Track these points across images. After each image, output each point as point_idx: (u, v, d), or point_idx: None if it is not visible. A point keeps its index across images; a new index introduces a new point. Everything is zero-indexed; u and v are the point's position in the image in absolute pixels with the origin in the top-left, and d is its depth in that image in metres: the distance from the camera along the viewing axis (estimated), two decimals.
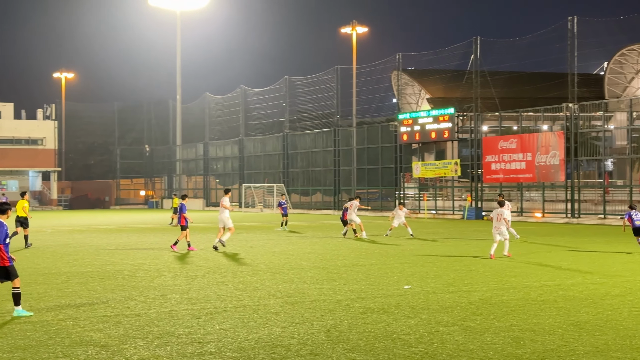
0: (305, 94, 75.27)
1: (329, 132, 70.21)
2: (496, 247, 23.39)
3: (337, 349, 10.52)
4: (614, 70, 70.39)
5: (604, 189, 50.04)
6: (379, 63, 68.26)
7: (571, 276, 18.62)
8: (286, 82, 76.47)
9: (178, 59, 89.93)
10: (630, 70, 70.08)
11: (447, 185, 62.53)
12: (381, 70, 68.55)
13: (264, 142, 79.86)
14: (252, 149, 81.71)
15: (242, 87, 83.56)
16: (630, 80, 70.76)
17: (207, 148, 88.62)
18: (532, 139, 51.10)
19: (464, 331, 11.66)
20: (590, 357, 9.98)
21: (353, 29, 73.36)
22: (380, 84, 71.19)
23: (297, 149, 74.85)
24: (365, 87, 70.32)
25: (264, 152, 79.57)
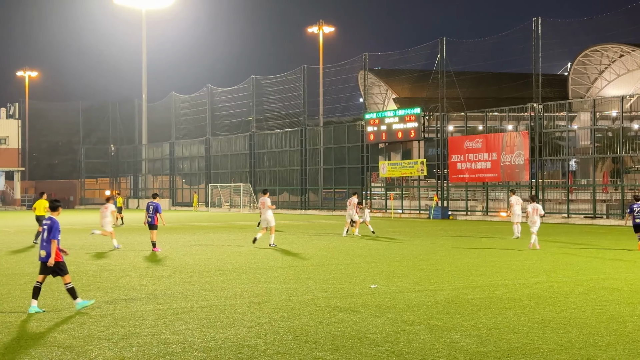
0: (272, 94, 75.20)
1: (296, 132, 70.19)
2: (535, 238, 26.41)
3: (303, 349, 10.52)
4: (578, 71, 71.28)
5: (567, 188, 50.59)
6: (345, 63, 68.46)
7: (536, 275, 18.79)
8: (253, 82, 76.30)
9: (144, 58, 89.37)
10: (593, 71, 71.00)
11: (414, 185, 62.81)
12: (348, 70, 68.77)
13: (230, 142, 79.61)
14: (219, 148, 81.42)
15: (209, 87, 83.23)
16: (594, 80, 71.69)
17: (173, 147, 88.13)
18: (497, 139, 51.52)
19: (430, 330, 11.72)
20: (554, 354, 10.08)
21: (320, 29, 73.50)
22: (347, 84, 71.43)
23: (264, 148, 74.73)
24: (332, 86, 70.50)
25: (231, 151, 79.33)
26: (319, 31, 73.55)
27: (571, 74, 72.19)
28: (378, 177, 64.13)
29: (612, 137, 52.01)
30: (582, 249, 26.61)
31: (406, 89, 74.20)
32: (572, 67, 71.58)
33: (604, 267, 20.63)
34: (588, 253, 25.05)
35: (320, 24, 73.99)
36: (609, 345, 10.55)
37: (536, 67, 50.25)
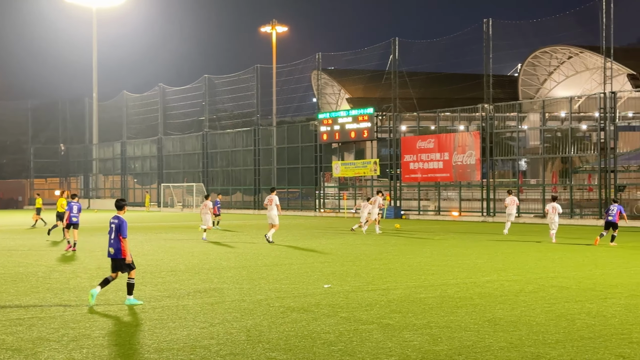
0: (225, 93, 74.85)
1: (249, 132, 69.99)
2: (554, 233, 29.13)
3: (257, 349, 10.49)
4: (528, 72, 72.22)
5: (518, 188, 51.24)
6: (298, 62, 68.43)
7: (487, 273, 19.00)
8: (205, 81, 75.87)
9: (94, 57, 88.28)
10: (542, 72, 72.01)
11: (367, 185, 63.09)
12: (301, 70, 68.74)
13: (183, 141, 79.07)
14: (171, 148, 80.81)
15: (161, 86, 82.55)
16: (543, 81, 72.71)
17: (125, 147, 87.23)
18: (449, 139, 52.00)
19: (383, 329, 11.77)
20: (504, 352, 10.20)
21: (273, 28, 73.39)
22: (300, 84, 71.40)
23: (217, 148, 74.37)
24: (285, 86, 70.41)
25: (183, 151, 78.80)
26: (272, 31, 73.45)
27: (521, 75, 73.11)
28: (331, 177, 64.29)
29: (561, 137, 52.84)
30: (532, 248, 26.99)
31: (359, 89, 74.43)
32: (522, 69, 72.49)
33: (553, 265, 20.95)
34: (538, 252, 25.41)
35: (274, 24, 73.89)
36: (557, 343, 10.71)
37: (487, 68, 50.84)
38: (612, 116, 44.39)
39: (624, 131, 65.80)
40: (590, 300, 14.42)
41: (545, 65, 71.01)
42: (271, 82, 69.93)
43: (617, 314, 12.89)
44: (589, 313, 13.03)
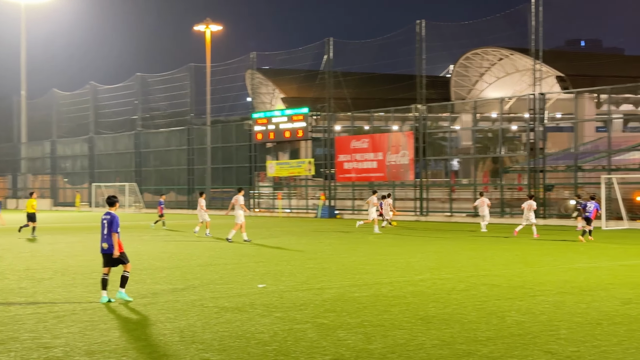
0: (158, 92, 74.01)
1: (183, 131, 69.38)
2: (521, 228, 32.38)
3: (190, 350, 10.40)
4: (460, 73, 73.30)
5: (450, 187, 51.96)
6: (233, 62, 68.08)
7: (420, 272, 19.20)
8: (138, 80, 74.91)
9: (23, 54, 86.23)
10: (474, 74, 73.17)
11: (301, 184, 63.17)
12: (235, 69, 68.40)
13: (115, 140, 77.90)
14: (103, 147, 79.55)
15: (92, 84, 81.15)
16: (475, 82, 73.90)
17: (55, 146, 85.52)
18: (383, 139, 52.41)
19: (317, 328, 11.79)
20: (437, 350, 10.32)
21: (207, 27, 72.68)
22: (235, 83, 71.00)
23: (150, 147, 73.51)
24: (219, 85, 69.90)
25: (115, 150, 77.64)
26: (206, 29, 72.76)
27: (453, 76, 74.19)
28: (266, 177, 64.17)
29: (492, 137, 53.79)
30: (464, 247, 27.38)
31: (294, 89, 74.46)
32: (455, 70, 73.56)
33: (484, 264, 21.29)
34: (470, 251, 25.80)
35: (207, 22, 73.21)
36: (488, 340, 10.89)
37: (420, 69, 51.40)
38: (541, 117, 45.33)
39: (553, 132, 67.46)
40: (520, 298, 14.70)
41: (477, 66, 72.18)
42: (205, 81, 69.36)
43: (545, 311, 13.17)
44: (518, 310, 13.27)
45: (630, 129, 71.68)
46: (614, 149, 43.26)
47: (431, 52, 53.87)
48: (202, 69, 69.91)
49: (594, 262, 21.64)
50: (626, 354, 9.94)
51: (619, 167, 43.49)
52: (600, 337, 10.96)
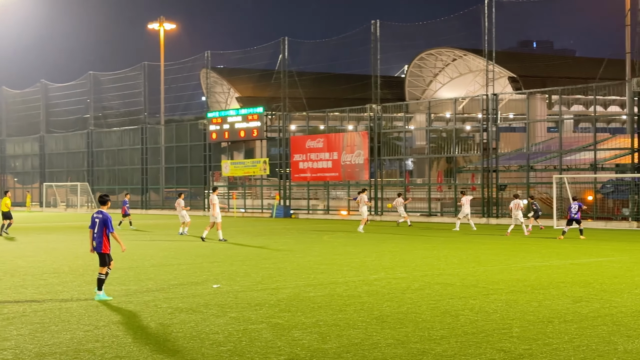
0: (111, 90, 73.20)
1: (136, 130, 68.75)
2: (512, 228, 33.25)
3: (143, 351, 10.29)
4: (414, 74, 73.81)
5: (404, 187, 52.27)
6: (187, 60, 67.65)
7: (375, 272, 19.27)
8: (90, 78, 74.01)
9: None
10: (428, 74, 73.73)
11: (256, 184, 63.02)
12: (190, 68, 67.98)
13: (67, 140, 76.86)
14: (54, 146, 78.43)
15: (43, 82, 79.94)
16: (429, 83, 74.47)
17: (4, 145, 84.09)
18: (338, 139, 52.52)
19: (272, 328, 11.76)
20: (391, 349, 10.36)
21: (160, 25, 72.12)
22: (189, 82, 70.61)
23: (103, 146, 72.68)
24: (173, 84, 69.42)
25: (67, 149, 76.60)
26: (160, 28, 72.19)
27: (408, 77, 74.66)
28: (221, 176, 63.87)
29: (446, 137, 54.23)
30: (418, 246, 27.55)
31: (249, 88, 74.27)
32: (409, 70, 74.05)
33: (438, 263, 21.44)
34: (424, 250, 25.97)
35: (161, 21, 72.62)
36: (442, 339, 10.96)
37: (375, 69, 51.61)
38: (494, 117, 45.83)
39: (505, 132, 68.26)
40: (473, 297, 14.83)
41: (431, 67, 72.75)
42: (159, 79, 68.82)
43: (498, 310, 13.30)
44: (472, 309, 13.39)
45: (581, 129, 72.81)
46: (565, 149, 43.92)
47: (386, 52, 54.20)
48: (156, 68, 69.36)
49: (546, 260, 21.93)
50: (577, 352, 10.09)
51: (570, 167, 44.17)
52: (551, 335, 11.10)
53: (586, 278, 17.59)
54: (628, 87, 40.63)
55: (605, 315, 12.72)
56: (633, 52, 42.38)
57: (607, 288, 15.90)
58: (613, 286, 16.19)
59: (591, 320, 12.22)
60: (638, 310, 13.13)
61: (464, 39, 60.17)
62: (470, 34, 54.51)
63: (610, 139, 46.81)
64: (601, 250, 25.31)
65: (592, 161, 41.72)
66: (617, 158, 42.85)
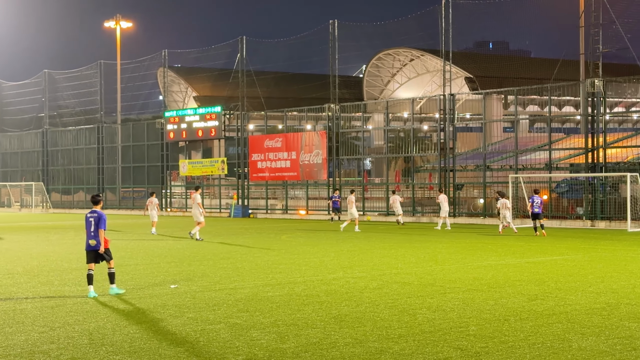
0: (67, 89, 72.26)
1: (92, 129, 67.99)
2: (502, 227, 33.33)
3: (99, 352, 10.19)
4: (372, 74, 74.13)
5: (363, 186, 52.44)
6: (144, 59, 67.09)
7: (333, 271, 19.30)
8: (45, 76, 72.99)
9: None
10: (386, 74, 74.11)
11: (214, 184, 62.74)
12: (147, 67, 67.43)
13: (21, 139, 75.67)
14: (8, 145, 77.18)
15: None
16: (387, 83, 74.84)
17: None
18: (296, 138, 52.52)
19: (230, 328, 11.72)
20: (349, 348, 10.39)
21: (117, 24, 71.46)
22: (146, 81, 70.07)
23: (58, 146, 71.73)
24: (130, 83, 68.83)
25: (21, 149, 75.44)
26: (117, 26, 71.51)
27: (366, 76, 74.95)
28: (178, 176, 63.46)
29: (404, 137, 54.53)
30: (376, 245, 27.66)
31: (207, 88, 73.93)
32: (367, 70, 74.34)
33: (396, 262, 21.54)
34: (382, 249, 26.08)
35: (118, 19, 71.93)
36: (400, 337, 11.02)
37: (333, 68, 51.70)
38: (451, 117, 46.21)
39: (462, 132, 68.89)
40: (430, 295, 14.93)
41: (389, 67, 73.13)
42: (115, 78, 68.19)
43: (455, 308, 13.41)
44: (429, 307, 13.48)
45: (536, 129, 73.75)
46: (521, 149, 44.45)
47: (344, 52, 54.32)
48: (112, 66, 68.71)
49: (502, 259, 22.17)
50: (532, 349, 10.21)
51: (525, 166, 44.72)
52: (507, 333, 11.23)
53: (541, 276, 17.82)
54: (582, 88, 41.26)
55: (560, 313, 12.90)
56: (587, 53, 43.04)
57: (561, 286, 16.13)
58: (567, 284, 16.43)
59: (546, 318, 12.39)
60: (592, 308, 13.34)
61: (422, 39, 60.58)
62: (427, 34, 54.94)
63: (564, 139, 47.47)
64: (556, 249, 25.66)
65: (547, 161, 42.27)
66: (571, 158, 43.47)
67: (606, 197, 39.40)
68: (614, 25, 41.09)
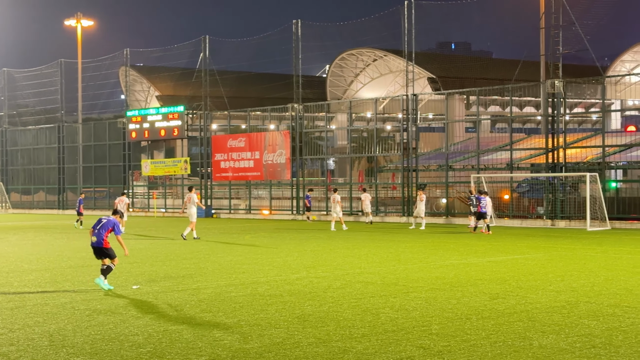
0: (27, 88, 71.30)
1: (53, 128, 67.21)
2: (486, 225, 33.67)
3: (60, 354, 10.08)
4: (335, 73, 74.19)
5: (326, 186, 52.50)
6: (106, 58, 66.45)
7: (296, 271, 19.30)
8: (5, 75, 71.97)
9: None
10: (349, 74, 74.23)
11: (177, 184, 62.38)
12: (108, 66, 66.78)
13: None
14: None
15: None
16: (350, 83, 74.98)
17: None
18: (259, 138, 52.42)
19: (193, 329, 11.66)
20: (313, 348, 10.39)
21: (78, 22, 70.67)
22: (108, 80, 69.36)
23: (18, 145, 70.77)
24: (91, 82, 68.12)
25: None
26: (77, 24, 70.71)
27: (329, 76, 75.00)
28: (140, 176, 62.99)
29: (367, 137, 54.69)
30: (339, 245, 27.71)
31: (169, 87, 73.44)
32: (330, 70, 74.39)
33: (359, 262, 21.60)
34: (345, 249, 26.12)
35: (79, 17, 71.13)
36: (363, 337, 11.05)
37: (296, 68, 51.69)
38: (414, 117, 46.45)
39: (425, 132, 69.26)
40: (393, 295, 15.00)
41: (352, 67, 73.26)
42: (76, 77, 67.44)
43: (418, 307, 13.49)
44: (392, 307, 13.54)
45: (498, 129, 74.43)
46: (483, 149, 44.83)
47: (307, 52, 54.35)
48: (73, 65, 67.97)
49: (464, 258, 22.34)
50: (494, 347, 10.31)
51: (487, 166, 45.11)
52: (469, 332, 11.32)
53: (503, 275, 17.99)
54: (542, 89, 41.73)
55: (520, 311, 13.04)
56: (547, 54, 43.50)
57: (522, 285, 16.30)
58: (528, 283, 16.61)
59: (507, 317, 12.51)
60: (552, 307, 13.50)
61: (385, 39, 60.75)
62: (390, 34, 55.08)
63: (525, 139, 47.98)
64: (517, 248, 25.93)
65: (508, 161, 42.68)
66: (532, 158, 43.95)
67: (566, 197, 39.90)
68: (574, 27, 41.60)
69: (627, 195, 40.22)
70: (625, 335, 11.03)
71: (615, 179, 43.75)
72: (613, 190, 40.35)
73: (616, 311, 12.98)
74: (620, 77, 60.59)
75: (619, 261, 21.43)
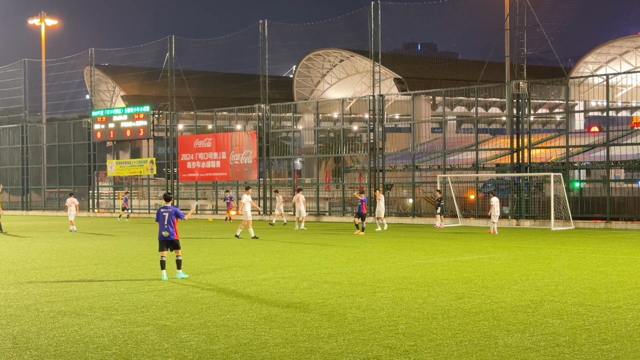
0: None
1: (16, 129, 66.39)
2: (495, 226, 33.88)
3: (24, 356, 9.96)
4: (302, 74, 74.22)
5: (293, 187, 52.44)
6: (70, 57, 65.84)
7: (263, 271, 19.27)
8: None
9: None
10: (316, 74, 74.30)
11: (143, 184, 61.96)
12: (73, 65, 66.18)
13: None
14: None
15: None
16: (317, 83, 75.04)
17: None
18: (226, 138, 52.26)
19: (159, 330, 11.59)
20: (280, 348, 10.39)
21: (42, 21, 69.92)
22: (73, 80, 68.74)
23: None
24: (55, 82, 67.44)
25: None
26: (41, 23, 69.95)
27: (296, 77, 75.01)
28: (106, 176, 62.47)
29: (334, 137, 54.76)
30: (306, 245, 27.72)
31: (135, 87, 72.94)
32: (297, 70, 74.40)
33: (326, 262, 21.63)
34: (312, 249, 26.14)
35: (42, 16, 70.37)
36: (330, 337, 11.06)
37: (263, 68, 51.62)
38: (381, 118, 46.61)
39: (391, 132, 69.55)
40: (360, 295, 15.04)
41: (319, 67, 73.34)
42: (40, 77, 66.73)
43: (385, 307, 13.54)
44: (359, 307, 13.57)
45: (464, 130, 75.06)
46: (449, 149, 45.11)
47: (274, 52, 54.32)
48: (37, 65, 67.25)
49: (431, 258, 22.47)
50: (460, 346, 10.38)
51: (453, 166, 45.41)
52: (435, 331, 11.39)
53: (468, 275, 18.12)
54: (507, 90, 42.10)
55: (486, 310, 13.14)
56: (512, 55, 43.90)
57: (488, 284, 16.43)
58: (494, 282, 16.74)
59: (473, 316, 12.60)
60: (517, 306, 13.63)
61: (352, 40, 60.87)
62: (357, 35, 55.21)
63: (491, 140, 48.38)
64: (482, 248, 26.13)
65: (474, 161, 43.00)
66: (497, 158, 44.32)
67: (531, 197, 40.29)
68: (538, 29, 42.04)
69: (590, 195, 40.71)
70: (589, 333, 11.17)
71: (579, 179, 44.30)
72: (577, 190, 40.81)
73: (580, 310, 13.14)
74: (583, 79, 61.32)
75: (583, 260, 21.69)
